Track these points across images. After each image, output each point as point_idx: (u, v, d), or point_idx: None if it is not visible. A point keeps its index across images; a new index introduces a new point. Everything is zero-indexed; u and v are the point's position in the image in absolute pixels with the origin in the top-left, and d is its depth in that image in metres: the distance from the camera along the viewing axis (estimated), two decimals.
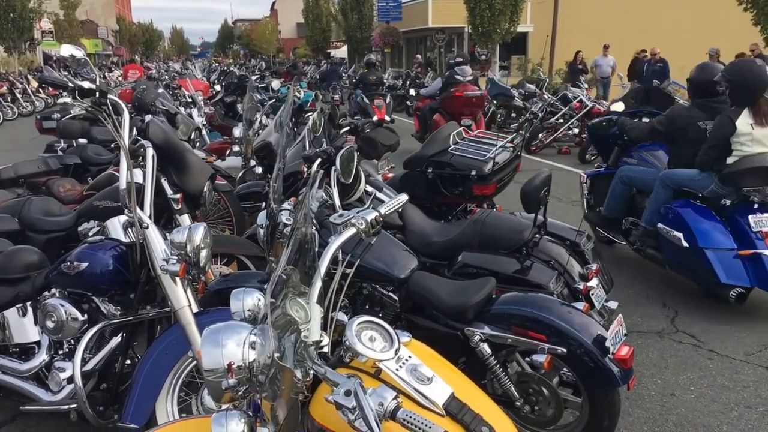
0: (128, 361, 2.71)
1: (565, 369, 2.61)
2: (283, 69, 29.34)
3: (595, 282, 3.16)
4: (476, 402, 1.57)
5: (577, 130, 10.47)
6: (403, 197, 2.07)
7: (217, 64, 30.97)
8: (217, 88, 11.21)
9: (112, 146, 5.75)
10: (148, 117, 3.59)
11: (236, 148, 6.04)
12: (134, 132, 3.31)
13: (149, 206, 2.74)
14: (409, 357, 1.57)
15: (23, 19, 27.69)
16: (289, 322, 1.39)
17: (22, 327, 2.87)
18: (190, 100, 8.06)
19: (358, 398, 1.25)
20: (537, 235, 3.27)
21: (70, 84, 3.45)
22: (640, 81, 13.51)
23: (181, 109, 7.11)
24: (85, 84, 3.38)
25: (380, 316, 2.80)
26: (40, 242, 3.43)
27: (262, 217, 3.05)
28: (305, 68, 29.82)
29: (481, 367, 2.58)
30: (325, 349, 1.52)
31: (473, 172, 4.15)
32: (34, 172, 4.90)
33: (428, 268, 3.07)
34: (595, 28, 22.15)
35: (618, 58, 16.10)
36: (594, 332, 2.48)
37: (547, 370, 2.53)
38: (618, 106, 5.59)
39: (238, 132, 5.96)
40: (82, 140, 6.00)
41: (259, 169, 5.15)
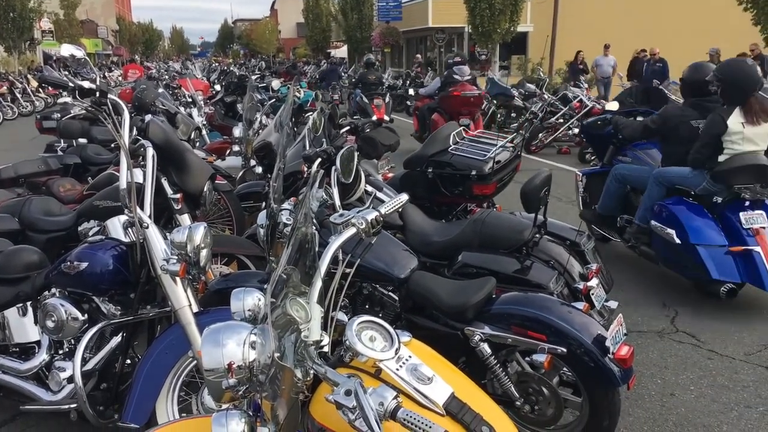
0: (128, 361, 2.71)
1: (565, 369, 2.62)
2: (283, 69, 29.33)
3: (595, 282, 3.17)
4: (476, 402, 1.57)
5: (577, 130, 10.39)
6: (404, 197, 2.07)
7: (217, 64, 30.95)
8: (217, 87, 11.20)
9: (112, 146, 5.75)
10: (148, 117, 3.59)
11: (236, 148, 6.04)
12: (134, 132, 3.30)
13: (149, 206, 2.74)
14: (410, 357, 1.57)
15: (23, 19, 27.69)
16: (290, 322, 1.39)
17: (23, 327, 2.87)
18: (190, 100, 8.06)
19: (359, 398, 1.25)
20: (537, 235, 3.27)
21: (70, 84, 3.44)
22: (640, 81, 13.50)
23: (181, 108, 7.11)
24: (85, 84, 3.37)
25: (380, 315, 2.80)
26: (40, 242, 3.44)
27: (262, 217, 3.05)
28: (305, 68, 29.83)
29: (481, 367, 2.58)
30: (326, 349, 1.53)
31: (473, 172, 4.15)
32: (34, 172, 4.90)
33: (428, 268, 3.07)
34: (595, 28, 22.15)
35: (618, 58, 16.08)
36: (594, 332, 2.48)
37: (547, 370, 2.54)
38: (612, 105, 5.63)
39: (238, 132, 5.96)
40: (82, 140, 6.00)
41: (259, 169, 5.16)
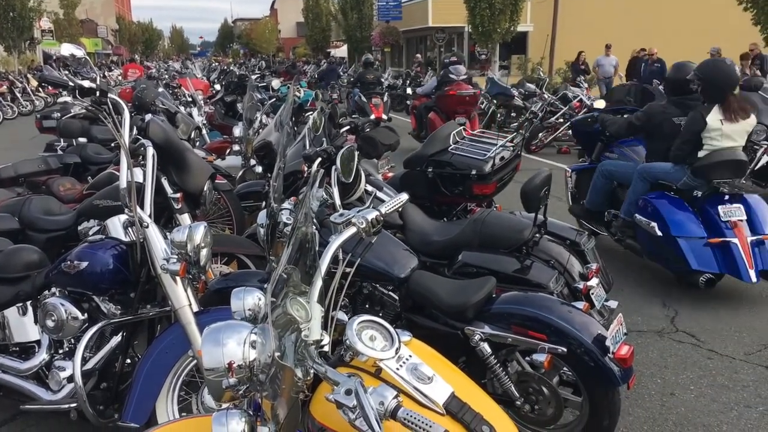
0: (128, 361, 2.71)
1: (565, 368, 2.62)
2: (283, 68, 29.33)
3: (595, 281, 3.17)
4: (476, 401, 1.57)
5: None
6: (404, 196, 2.07)
7: (216, 64, 30.94)
8: (217, 87, 11.20)
9: (112, 145, 5.74)
10: (148, 116, 3.58)
11: (236, 148, 6.05)
12: (134, 131, 3.30)
13: (149, 205, 2.74)
14: (410, 356, 1.57)
15: (23, 18, 27.70)
16: (290, 321, 1.39)
17: (22, 326, 2.88)
18: (190, 100, 8.06)
19: (359, 397, 1.25)
20: (537, 235, 3.27)
21: (70, 83, 3.44)
22: (639, 80, 13.49)
23: (181, 108, 7.11)
24: (85, 83, 3.37)
25: (380, 315, 2.80)
26: (40, 241, 3.43)
27: (262, 217, 3.05)
28: (305, 68, 29.81)
29: (481, 367, 2.58)
30: (326, 348, 1.53)
31: (473, 172, 4.15)
32: (34, 171, 4.90)
33: (428, 268, 3.07)
34: (595, 27, 22.15)
35: (618, 58, 16.06)
36: (594, 331, 2.49)
37: (547, 370, 2.54)
38: (599, 104, 5.84)
39: (238, 131, 5.96)
40: (82, 139, 6.00)
41: (259, 169, 5.16)
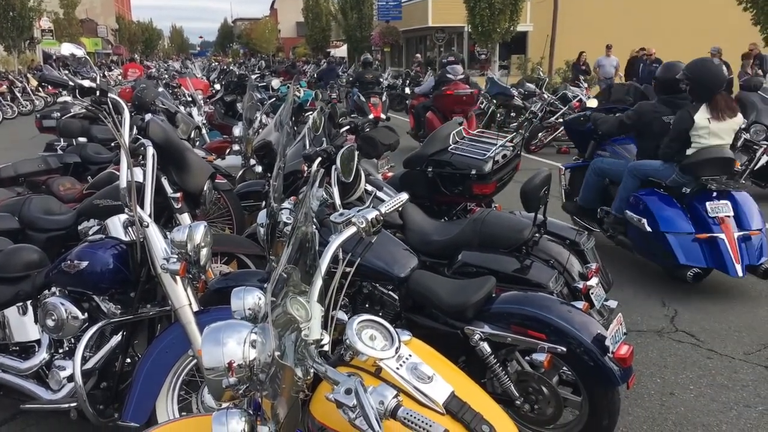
0: (128, 360, 2.71)
1: (564, 368, 2.62)
2: (283, 68, 29.30)
3: (594, 281, 3.17)
4: (476, 400, 1.57)
5: None
6: (404, 196, 2.07)
7: (216, 63, 30.93)
8: (217, 87, 11.19)
9: (112, 145, 5.74)
10: (148, 116, 3.58)
11: (236, 147, 6.04)
12: (134, 131, 3.30)
13: (149, 205, 2.74)
14: (410, 356, 1.57)
15: (23, 18, 27.69)
16: (290, 321, 1.39)
17: (23, 325, 2.88)
18: (190, 99, 8.06)
19: (359, 397, 1.25)
20: (537, 234, 3.27)
21: (70, 83, 3.44)
22: (639, 80, 13.48)
23: (181, 107, 7.11)
24: (85, 83, 3.37)
25: (380, 314, 2.80)
26: (40, 241, 3.43)
27: (262, 216, 3.05)
28: (305, 67, 29.78)
29: (481, 366, 2.58)
30: (326, 348, 1.53)
31: (473, 171, 4.15)
32: (34, 171, 4.90)
33: (428, 267, 3.07)
34: (594, 27, 22.14)
35: (618, 59, 16.05)
36: (594, 331, 2.49)
37: (547, 369, 2.54)
38: (592, 103, 5.98)
39: (237, 131, 5.96)
40: (82, 139, 6.00)
41: (259, 168, 5.15)
